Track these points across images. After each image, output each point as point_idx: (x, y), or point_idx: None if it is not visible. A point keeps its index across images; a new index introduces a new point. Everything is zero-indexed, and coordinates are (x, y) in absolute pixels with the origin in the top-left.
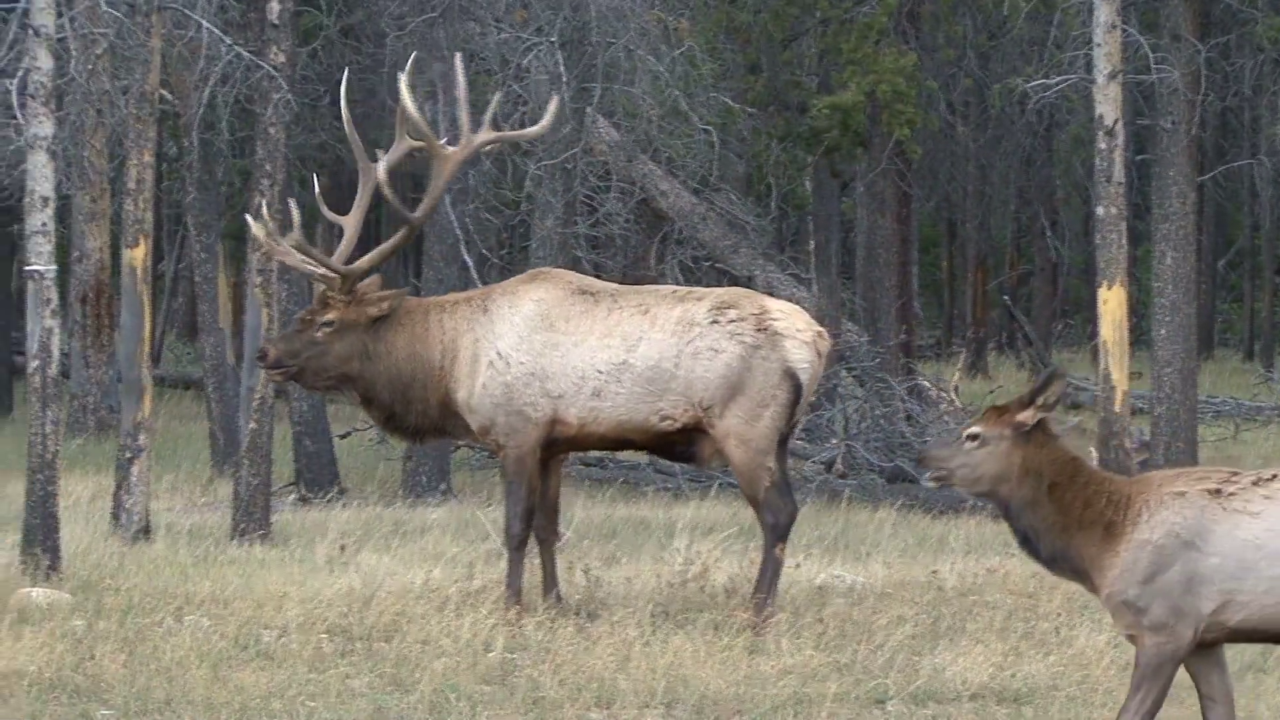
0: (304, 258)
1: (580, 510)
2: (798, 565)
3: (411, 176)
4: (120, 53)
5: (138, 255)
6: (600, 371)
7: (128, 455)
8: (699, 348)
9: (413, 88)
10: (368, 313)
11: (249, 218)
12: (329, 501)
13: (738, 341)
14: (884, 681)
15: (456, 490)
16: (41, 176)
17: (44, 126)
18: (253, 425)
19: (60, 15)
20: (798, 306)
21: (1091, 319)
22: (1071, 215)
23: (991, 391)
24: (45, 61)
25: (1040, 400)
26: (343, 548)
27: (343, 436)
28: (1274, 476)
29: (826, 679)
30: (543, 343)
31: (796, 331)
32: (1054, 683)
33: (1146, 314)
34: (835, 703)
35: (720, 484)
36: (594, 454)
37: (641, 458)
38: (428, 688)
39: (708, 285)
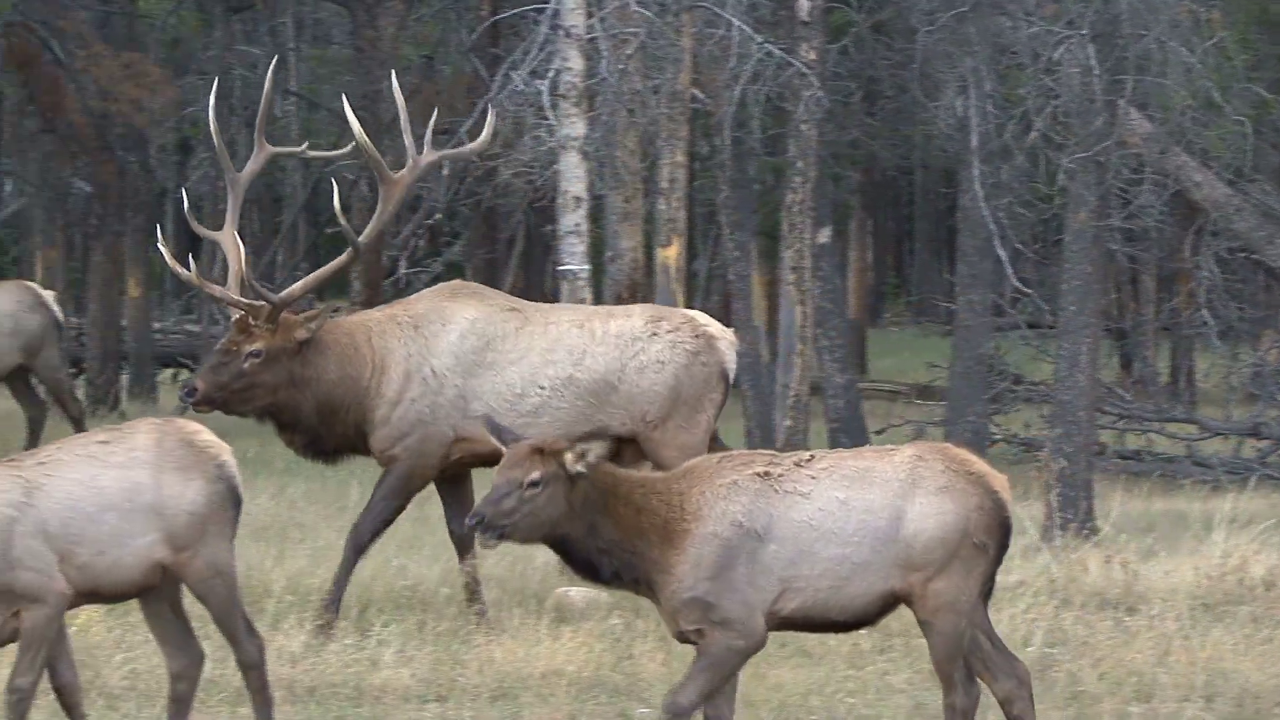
0: (223, 290)
1: (1118, 504)
2: None
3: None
4: (651, 52)
5: (671, 254)
6: (542, 388)
7: None
8: (644, 362)
9: (354, 108)
10: (295, 337)
11: (162, 249)
12: None
13: (681, 351)
14: None
15: None
16: (574, 177)
17: (576, 127)
18: (788, 422)
19: (590, 16)
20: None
21: None
22: None
23: None
24: (576, 62)
25: (580, 450)
26: None
27: (879, 432)
28: (812, 457)
29: None
30: (476, 362)
31: (724, 333)
32: None
33: None
34: None
35: (1260, 476)
36: (1130, 446)
37: (1180, 450)
38: None
39: (1242, 277)
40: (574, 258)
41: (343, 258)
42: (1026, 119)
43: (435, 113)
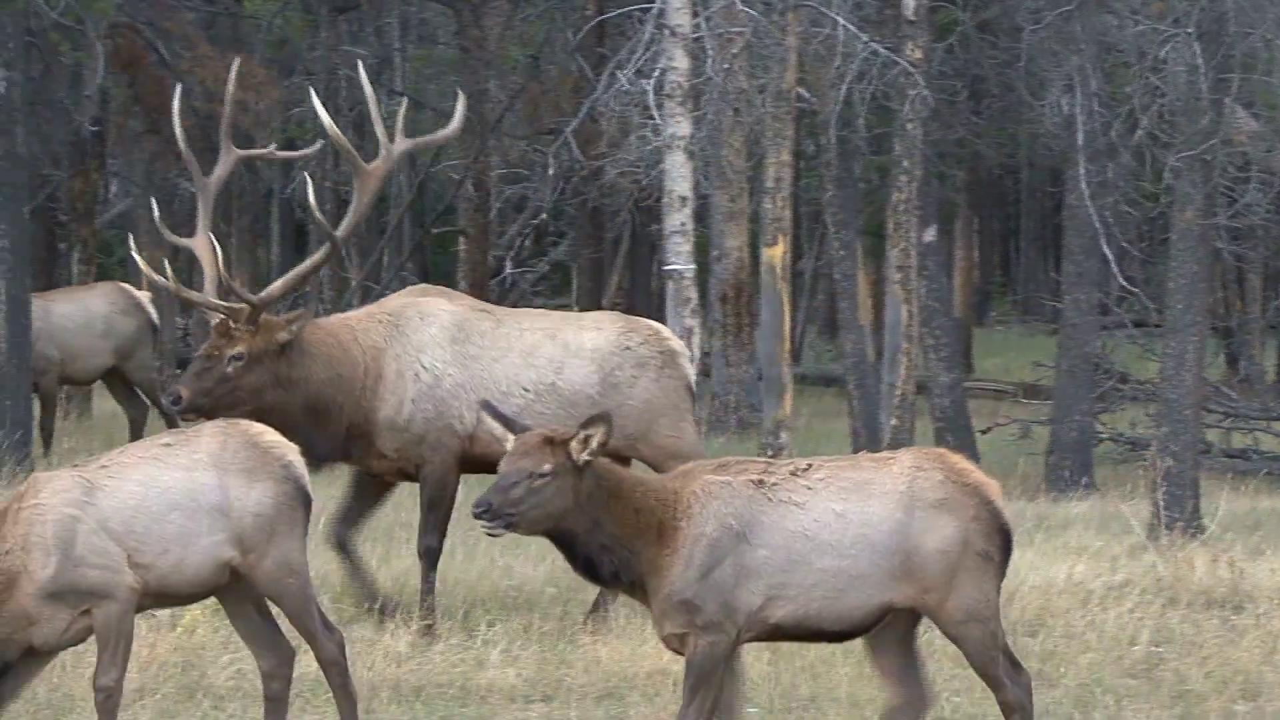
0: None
1: (1224, 502)
2: None
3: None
4: (757, 51)
5: (776, 253)
6: (526, 390)
7: (769, 453)
8: (619, 378)
9: (325, 102)
10: (276, 339)
11: (137, 257)
12: None
13: (650, 366)
14: None
15: (1099, 484)
16: (679, 176)
17: (681, 126)
18: (894, 421)
19: (696, 15)
20: None
21: None
22: None
23: None
24: (682, 61)
25: (583, 437)
26: None
27: (984, 432)
28: (809, 466)
29: None
30: (464, 355)
31: (683, 348)
32: None
33: None
34: None
35: None
36: (1236, 444)
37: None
38: (1072, 682)
39: None
40: (679, 257)
41: (321, 253)
42: (1132, 117)
43: (405, 102)
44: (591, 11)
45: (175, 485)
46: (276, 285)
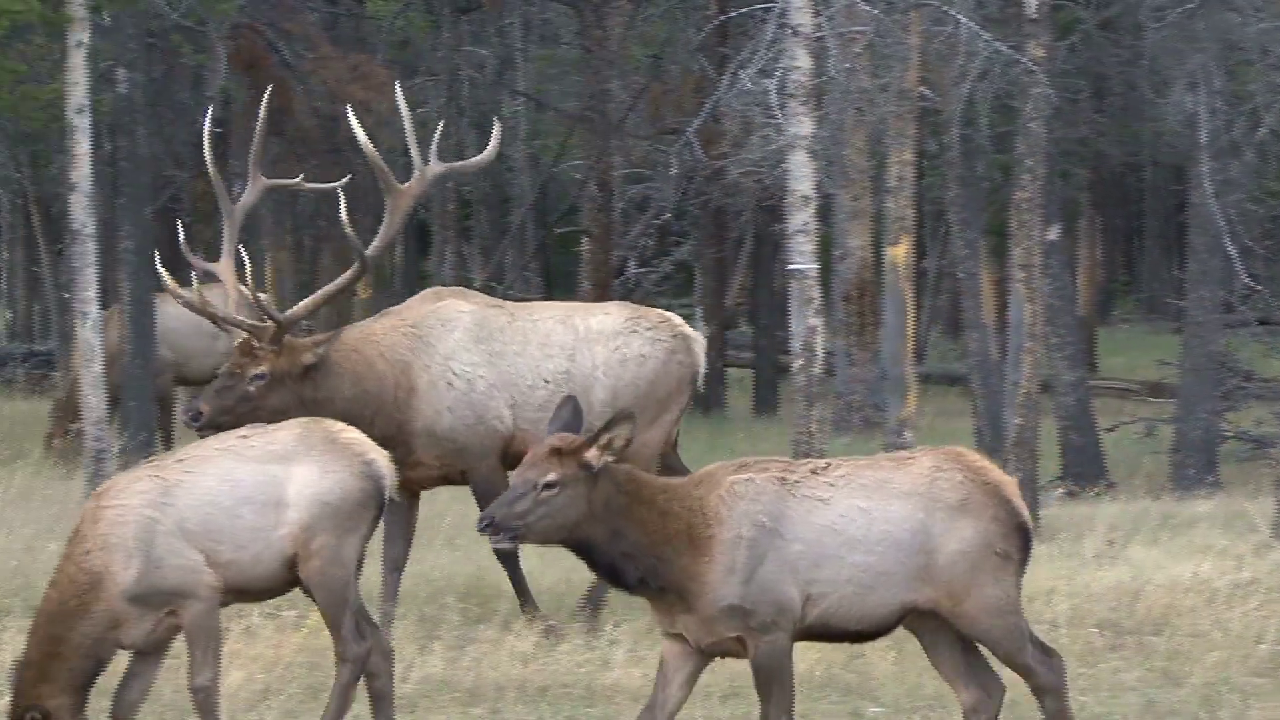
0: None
1: None
2: None
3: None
4: (879, 50)
5: (900, 253)
6: (547, 381)
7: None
8: (625, 355)
9: (363, 124)
10: (300, 361)
11: (162, 272)
12: (1096, 495)
13: (661, 348)
14: None
15: (1224, 482)
16: (802, 175)
17: (804, 126)
18: (1018, 420)
19: (818, 14)
20: None
21: None
22: None
23: None
24: (804, 61)
25: (605, 440)
26: (1111, 541)
27: (1109, 430)
28: (829, 465)
29: None
30: (490, 353)
31: (698, 336)
32: None
33: None
34: None
35: None
36: None
37: None
38: (1199, 681)
39: None
40: (803, 257)
41: (350, 272)
42: (1256, 115)
43: (441, 125)
44: (713, 11)
45: (248, 478)
46: (301, 305)
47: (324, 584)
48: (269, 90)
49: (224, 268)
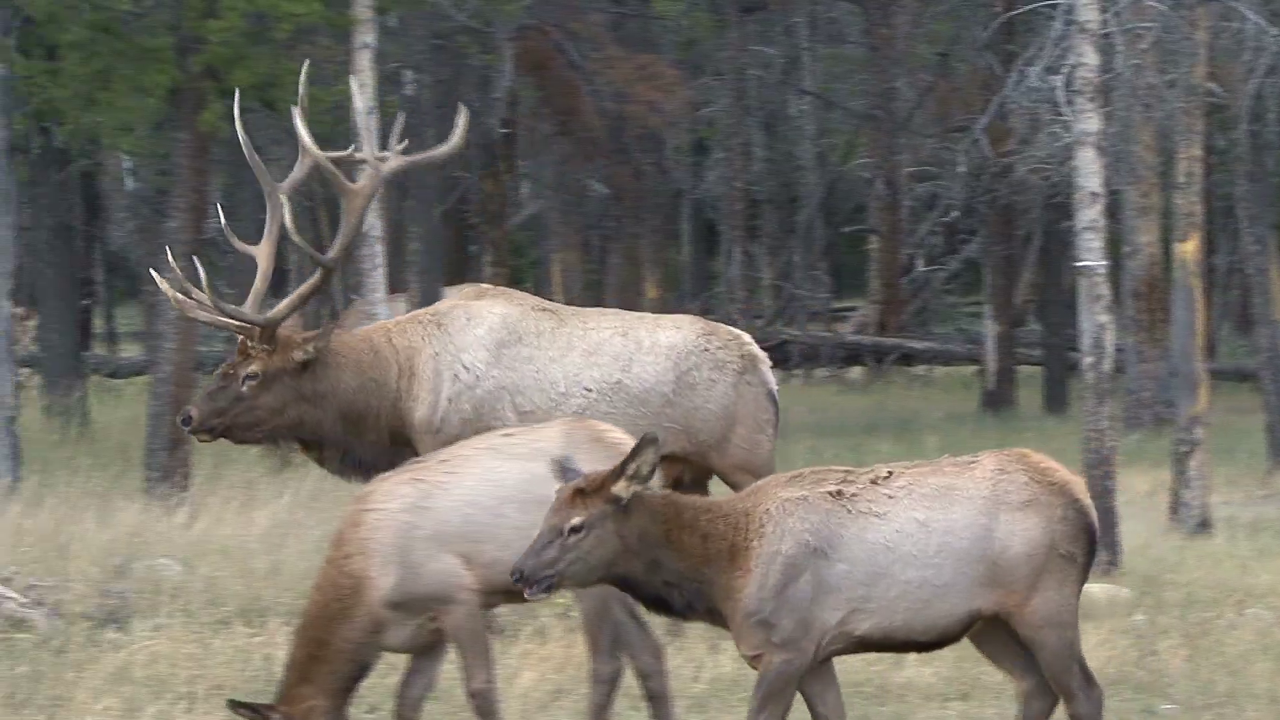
0: (215, 313)
1: None
2: None
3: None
4: (1166, 46)
5: (1189, 249)
6: (588, 389)
7: (1184, 449)
8: (695, 379)
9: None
10: (293, 358)
11: (155, 274)
12: None
13: (730, 370)
14: None
15: None
16: (1090, 172)
17: (1091, 122)
18: None
19: (1104, 11)
20: None
21: None
22: None
23: None
24: (1091, 57)
25: (632, 470)
26: None
27: None
28: (890, 474)
29: None
30: (512, 356)
31: (764, 356)
32: None
33: None
34: None
35: None
36: None
37: None
38: None
39: None
40: (1091, 253)
41: (315, 278)
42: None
43: (401, 118)
44: (1000, 8)
45: (511, 478)
46: (281, 305)
47: (583, 596)
48: (306, 64)
49: (263, 251)
